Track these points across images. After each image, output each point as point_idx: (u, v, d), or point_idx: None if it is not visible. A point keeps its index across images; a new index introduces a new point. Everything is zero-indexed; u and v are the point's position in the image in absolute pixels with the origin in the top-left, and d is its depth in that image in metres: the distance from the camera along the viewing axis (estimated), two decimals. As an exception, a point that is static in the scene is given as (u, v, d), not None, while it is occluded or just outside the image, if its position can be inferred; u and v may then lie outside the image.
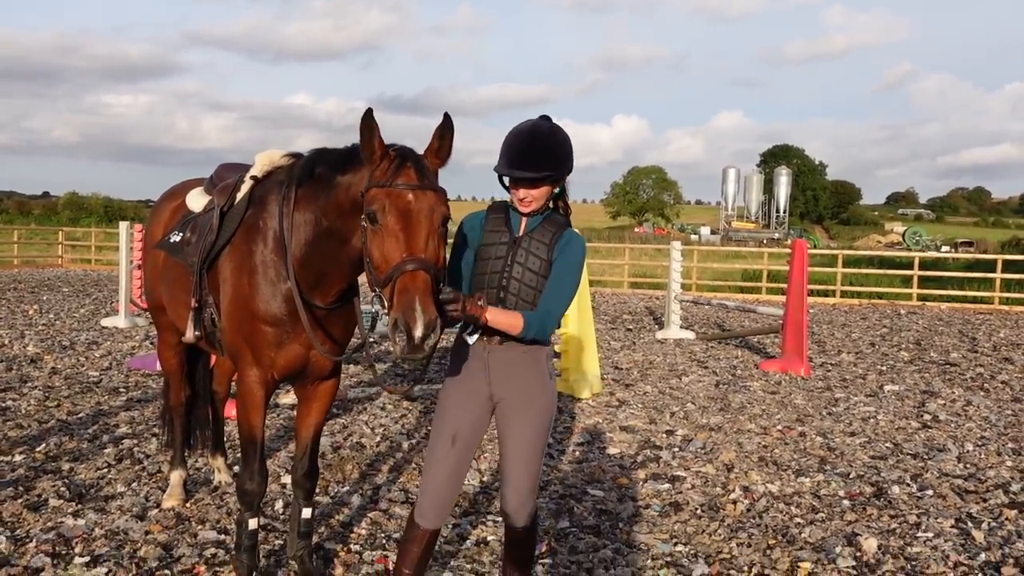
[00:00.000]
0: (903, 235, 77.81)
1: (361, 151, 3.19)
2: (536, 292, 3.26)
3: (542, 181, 3.23)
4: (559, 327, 3.39)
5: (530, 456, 3.37)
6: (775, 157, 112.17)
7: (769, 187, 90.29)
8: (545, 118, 3.33)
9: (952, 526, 5.31)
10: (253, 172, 4.10)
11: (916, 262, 25.13)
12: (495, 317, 3.13)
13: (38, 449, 6.38)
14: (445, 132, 3.18)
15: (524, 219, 3.34)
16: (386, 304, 3.00)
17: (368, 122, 3.11)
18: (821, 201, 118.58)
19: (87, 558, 4.41)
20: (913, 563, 4.71)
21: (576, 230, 3.39)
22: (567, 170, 3.29)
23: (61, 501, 5.25)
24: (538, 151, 3.21)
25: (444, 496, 3.39)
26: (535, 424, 3.35)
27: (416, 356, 2.87)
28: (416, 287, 2.91)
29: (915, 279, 24.22)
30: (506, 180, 3.32)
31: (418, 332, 2.85)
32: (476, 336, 3.30)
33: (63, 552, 4.49)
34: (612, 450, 6.91)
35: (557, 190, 3.34)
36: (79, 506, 5.18)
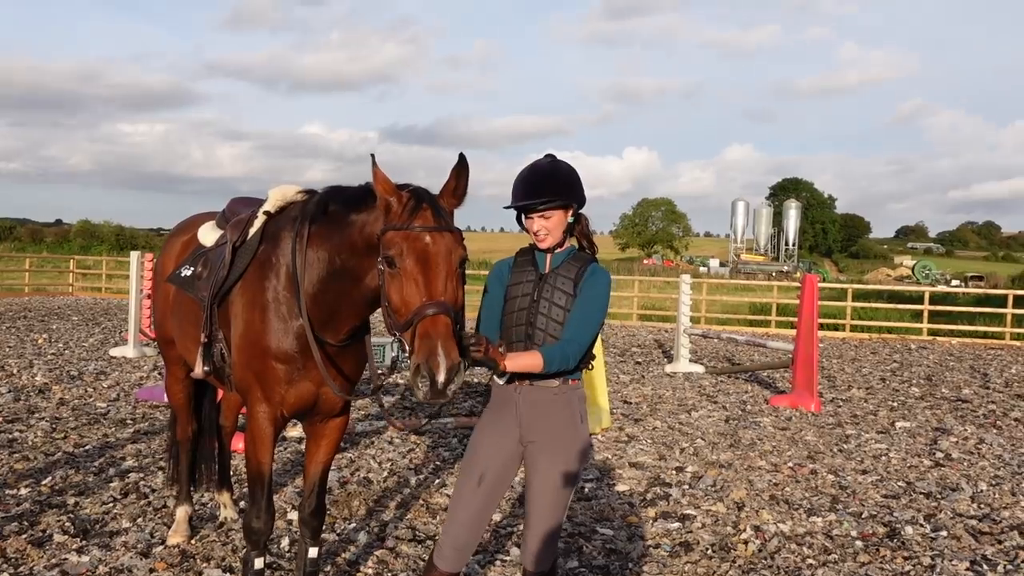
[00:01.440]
0: (913, 269, 77.49)
1: (376, 193, 3.19)
2: (563, 327, 3.26)
3: (546, 207, 3.26)
4: (591, 363, 3.37)
5: (555, 500, 3.31)
6: (785, 190, 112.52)
7: (778, 220, 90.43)
8: (548, 156, 3.40)
9: (967, 568, 5.23)
10: (266, 207, 4.09)
11: (926, 296, 25.03)
12: (515, 363, 3.12)
13: (44, 482, 6.35)
14: (461, 171, 3.19)
15: (549, 257, 3.36)
16: (407, 348, 2.98)
17: (375, 168, 3.14)
18: (830, 234, 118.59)
19: (91, 595, 4.37)
20: (928, 608, 4.63)
21: (602, 265, 3.39)
22: (574, 197, 3.31)
23: (66, 537, 5.21)
24: (539, 180, 3.28)
25: (466, 538, 3.33)
26: (563, 468, 3.29)
27: (439, 401, 2.86)
28: (438, 332, 2.89)
29: (925, 313, 24.09)
30: (524, 222, 3.35)
31: (441, 377, 2.83)
32: (506, 377, 3.29)
33: (67, 589, 4.45)
34: (621, 487, 6.84)
35: (571, 219, 3.34)
36: (84, 542, 5.14)
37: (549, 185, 3.27)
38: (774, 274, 68.92)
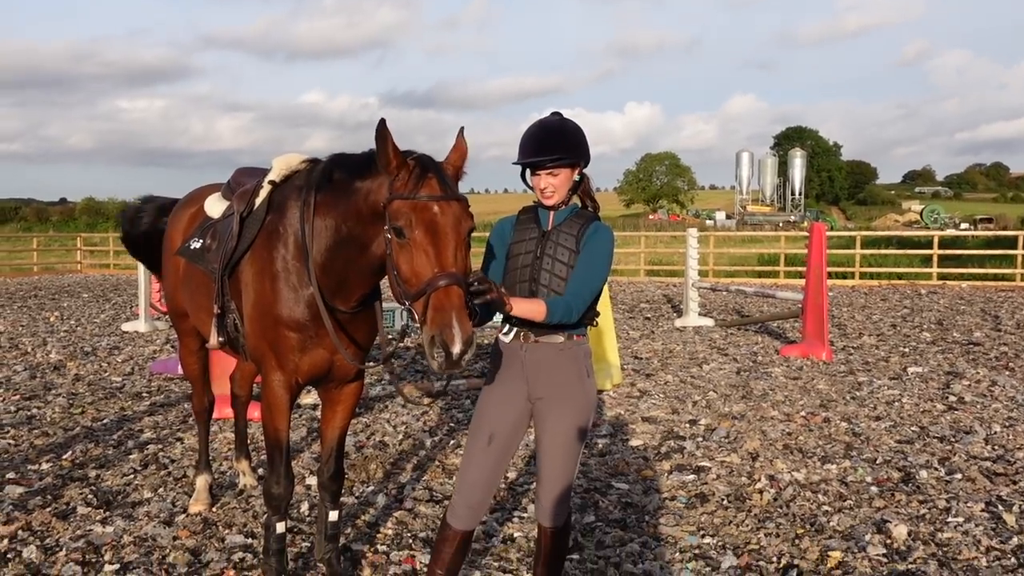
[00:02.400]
0: (921, 214, 77.15)
1: (378, 161, 3.18)
2: (566, 282, 3.27)
3: (557, 164, 3.26)
4: (595, 319, 3.38)
5: (566, 456, 3.35)
6: (789, 139, 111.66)
7: (784, 170, 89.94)
8: (556, 114, 3.40)
9: (982, 510, 5.26)
10: (271, 177, 4.07)
11: (935, 241, 24.92)
12: (519, 306, 3.12)
13: (65, 457, 6.43)
14: (460, 142, 3.26)
15: (552, 215, 3.37)
16: (417, 318, 2.99)
17: (382, 132, 3.11)
18: (837, 182, 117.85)
19: (117, 565, 4.44)
20: (944, 549, 4.67)
21: (605, 222, 3.40)
22: (582, 156, 3.32)
23: (89, 508, 5.29)
24: (549, 137, 3.28)
25: (478, 497, 3.37)
26: (571, 423, 3.32)
27: (453, 371, 2.89)
28: (452, 303, 2.90)
29: (935, 258, 24.00)
30: (529, 179, 3.36)
31: (456, 349, 2.85)
32: (512, 334, 3.30)
33: (93, 560, 4.52)
34: (635, 442, 6.88)
35: (577, 178, 3.34)
36: (107, 513, 5.22)
37: (560, 142, 3.26)
38: (781, 224, 68.74)
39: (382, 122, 3.11)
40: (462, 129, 3.27)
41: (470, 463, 3.37)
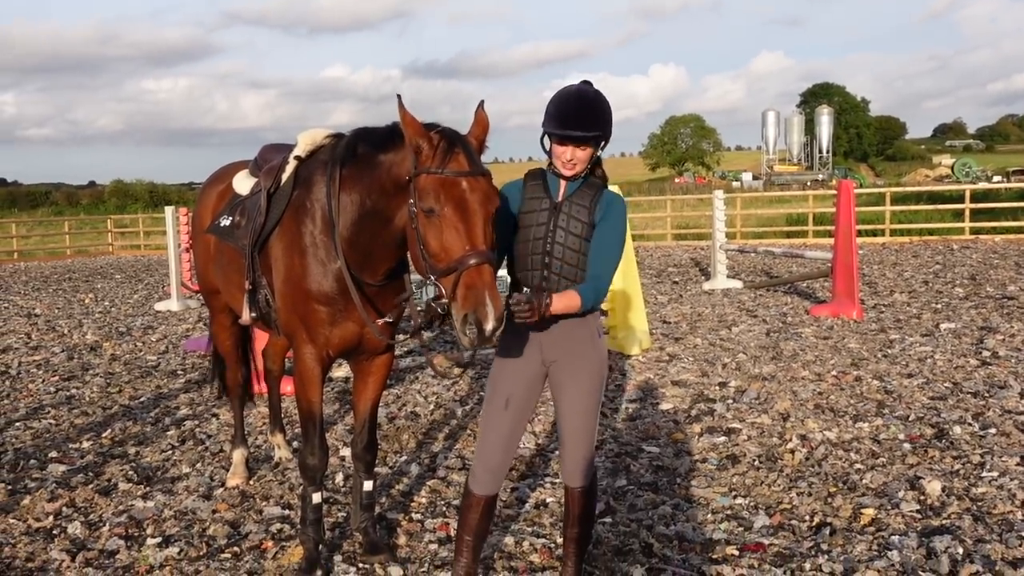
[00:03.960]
0: (952, 168, 75.62)
1: (404, 135, 3.20)
2: (580, 255, 3.26)
3: (591, 141, 3.24)
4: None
5: (585, 416, 3.40)
6: (816, 96, 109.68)
7: (810, 128, 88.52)
8: (586, 83, 3.35)
9: (1017, 464, 5.22)
10: (297, 152, 4.10)
11: (967, 195, 24.47)
12: (557, 305, 3.12)
13: (104, 435, 6.57)
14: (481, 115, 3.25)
15: (563, 184, 3.34)
16: (446, 293, 3.02)
17: (401, 110, 3.13)
18: (865, 138, 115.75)
19: (159, 539, 4.55)
20: (979, 504, 4.65)
21: (615, 190, 3.39)
22: (610, 133, 3.31)
23: (130, 484, 5.41)
24: (588, 111, 3.23)
25: (498, 462, 3.43)
26: (587, 384, 3.38)
27: (485, 346, 2.94)
28: (484, 281, 2.93)
29: (967, 212, 23.59)
30: (547, 144, 3.31)
31: (489, 326, 2.89)
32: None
33: (135, 534, 4.64)
34: (665, 405, 6.90)
35: (598, 154, 3.34)
36: (148, 488, 5.33)
37: (597, 119, 3.23)
38: (809, 183, 67.82)
39: (399, 99, 3.13)
40: (482, 103, 3.25)
41: (488, 428, 3.43)
